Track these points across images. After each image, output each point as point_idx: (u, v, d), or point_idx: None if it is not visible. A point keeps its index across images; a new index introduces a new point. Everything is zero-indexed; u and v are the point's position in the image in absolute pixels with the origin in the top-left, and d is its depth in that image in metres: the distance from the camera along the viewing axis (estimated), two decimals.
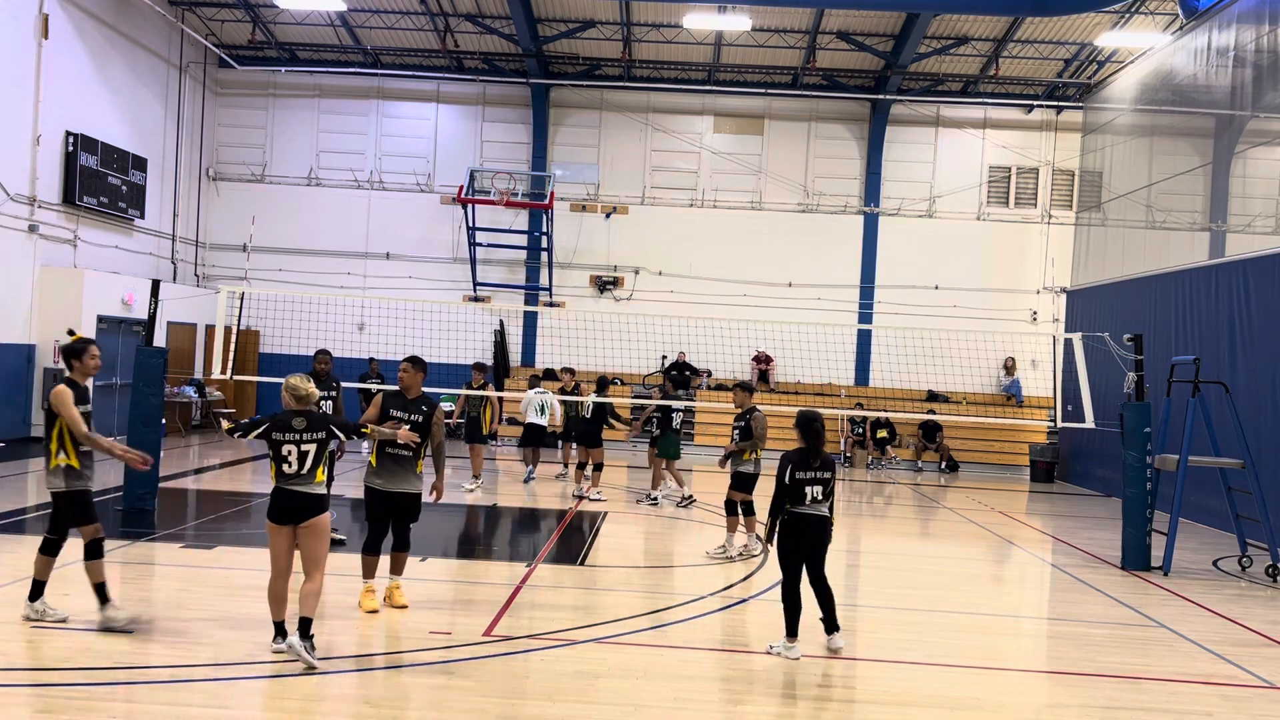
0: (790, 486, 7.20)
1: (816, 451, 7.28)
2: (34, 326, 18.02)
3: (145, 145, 21.36)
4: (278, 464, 6.54)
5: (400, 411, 7.84)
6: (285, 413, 6.66)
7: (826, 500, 7.29)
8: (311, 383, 6.79)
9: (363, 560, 7.93)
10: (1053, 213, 24.12)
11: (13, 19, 17.32)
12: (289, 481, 6.53)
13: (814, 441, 7.28)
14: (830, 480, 7.30)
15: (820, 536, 7.27)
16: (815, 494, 7.23)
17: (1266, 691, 7.01)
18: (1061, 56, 22.67)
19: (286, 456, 6.51)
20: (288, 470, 6.51)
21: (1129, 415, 11.57)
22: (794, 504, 7.21)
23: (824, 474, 7.28)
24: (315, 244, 24.12)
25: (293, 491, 6.51)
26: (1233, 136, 17.16)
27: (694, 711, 6.03)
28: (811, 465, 7.25)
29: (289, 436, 6.54)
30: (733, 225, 24.16)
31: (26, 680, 6.04)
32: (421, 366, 8.10)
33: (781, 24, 21.98)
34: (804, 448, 7.28)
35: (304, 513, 6.51)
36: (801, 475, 7.21)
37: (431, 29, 22.82)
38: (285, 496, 6.52)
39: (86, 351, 7.24)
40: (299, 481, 6.53)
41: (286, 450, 6.51)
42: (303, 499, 6.51)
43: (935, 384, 22.82)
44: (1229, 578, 11.21)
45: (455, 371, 21.94)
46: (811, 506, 7.22)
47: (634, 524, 12.90)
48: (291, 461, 6.51)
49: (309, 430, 6.60)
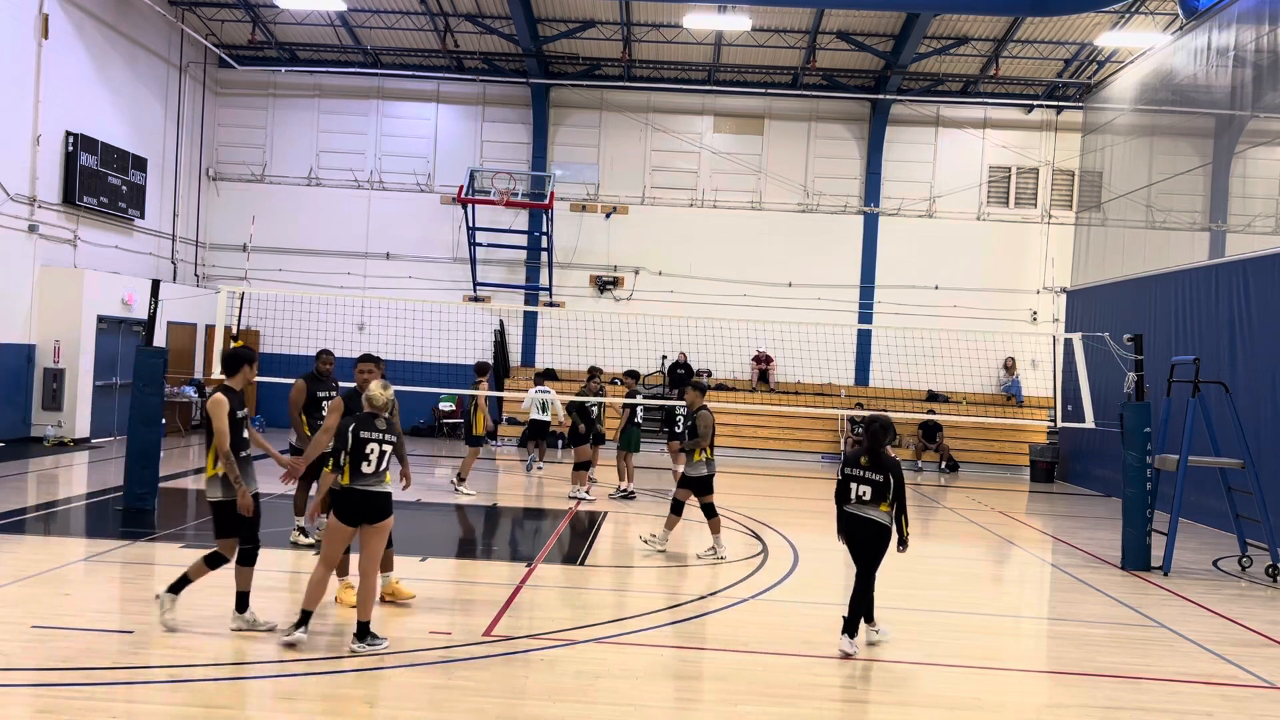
0: (838, 482, 7.39)
1: (868, 451, 7.27)
2: (34, 326, 18.02)
3: (145, 145, 21.36)
4: (357, 463, 6.72)
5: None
6: (365, 414, 6.90)
7: (877, 504, 7.19)
8: (390, 389, 7.05)
9: None
10: (1053, 213, 24.11)
11: (13, 19, 17.32)
12: (364, 481, 6.74)
13: (869, 441, 7.30)
14: (884, 484, 7.20)
15: (870, 541, 7.23)
16: (861, 494, 7.21)
17: (1266, 691, 7.01)
18: (1061, 56, 22.67)
19: (369, 455, 6.73)
20: (366, 470, 6.74)
21: (1129, 415, 11.57)
22: (841, 501, 7.33)
23: (874, 475, 7.21)
24: (315, 244, 24.12)
25: (367, 492, 6.75)
26: (1233, 136, 17.16)
27: (694, 711, 6.03)
28: (860, 463, 7.27)
29: (374, 435, 6.78)
30: (733, 225, 24.16)
31: (26, 680, 6.04)
32: (380, 363, 8.43)
33: (781, 24, 21.98)
34: (859, 449, 7.38)
35: (377, 513, 6.79)
36: (849, 471, 7.29)
37: (431, 29, 22.82)
38: (359, 496, 6.75)
39: (253, 365, 7.40)
40: (373, 481, 6.77)
41: (370, 449, 6.75)
42: (376, 499, 6.78)
43: (935, 384, 22.83)
44: (1229, 578, 11.21)
45: (455, 371, 21.95)
46: (858, 507, 7.23)
47: (634, 524, 12.89)
48: (372, 460, 6.74)
49: (388, 431, 6.88)
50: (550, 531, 12.03)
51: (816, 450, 22.77)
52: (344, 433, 6.79)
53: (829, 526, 7.79)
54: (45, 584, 8.12)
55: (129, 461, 11.59)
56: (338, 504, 6.79)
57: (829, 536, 7.97)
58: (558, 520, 12.68)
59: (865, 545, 7.26)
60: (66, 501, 12.87)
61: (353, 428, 6.79)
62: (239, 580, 7.04)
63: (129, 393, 12.84)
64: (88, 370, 18.45)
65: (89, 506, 12.44)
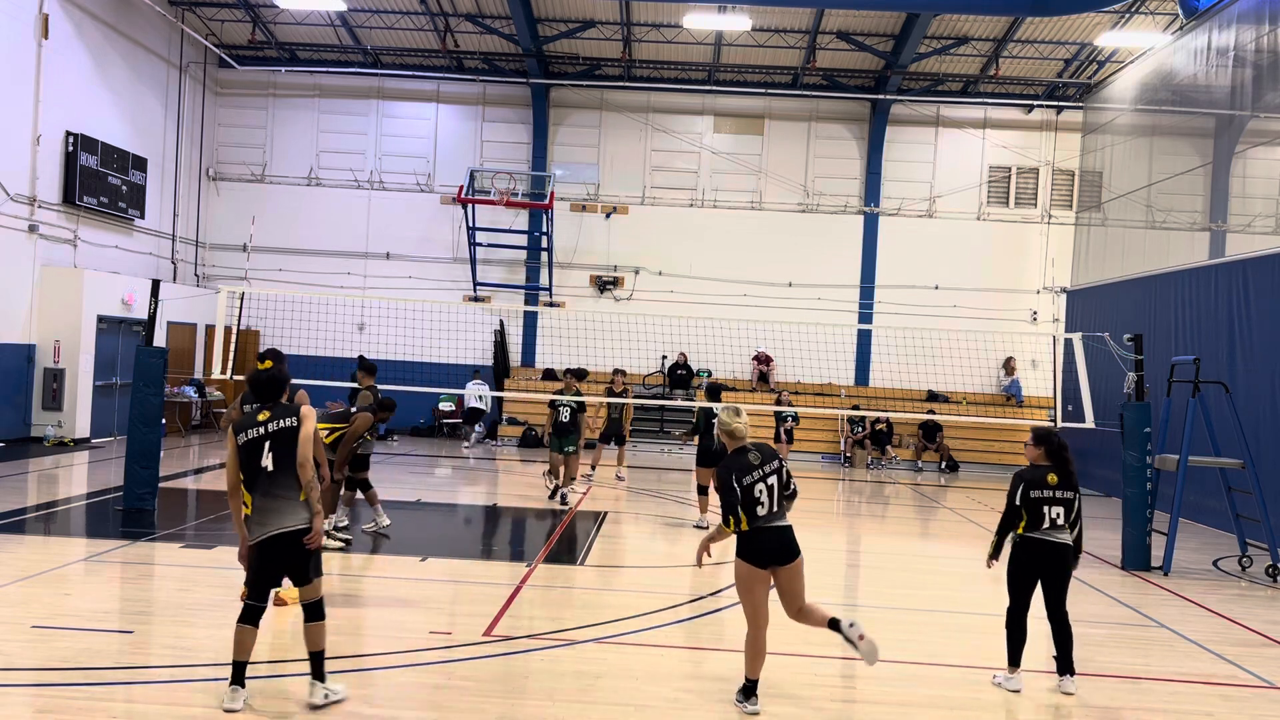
0: (1025, 506, 6.61)
1: (1057, 467, 6.68)
2: (34, 326, 18.02)
3: (145, 145, 21.36)
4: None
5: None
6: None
7: (1072, 526, 6.65)
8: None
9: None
10: (1053, 213, 24.11)
11: (13, 19, 17.32)
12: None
13: (1058, 457, 6.70)
14: (1073, 502, 6.64)
15: (1059, 568, 6.63)
16: (1055, 517, 6.57)
17: (1266, 691, 7.01)
18: (1061, 56, 22.67)
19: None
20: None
21: (1129, 415, 11.57)
22: (1030, 528, 6.61)
23: (1065, 493, 6.61)
24: (315, 244, 24.12)
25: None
26: (1233, 136, 17.16)
27: (694, 711, 6.03)
28: (1048, 482, 6.61)
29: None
30: (733, 225, 24.15)
31: (26, 680, 6.04)
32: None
33: (781, 24, 21.97)
34: (1042, 465, 6.72)
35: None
36: (1037, 494, 6.59)
37: (431, 29, 22.82)
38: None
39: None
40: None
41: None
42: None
43: (935, 384, 22.82)
44: (1229, 578, 11.20)
45: (455, 371, 21.98)
46: (1051, 532, 6.59)
47: (634, 524, 12.90)
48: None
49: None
50: (550, 532, 12.02)
51: (816, 450, 22.77)
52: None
53: (829, 525, 7.78)
54: (45, 584, 8.12)
55: (129, 461, 11.59)
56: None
57: (830, 536, 7.95)
58: (558, 520, 12.67)
59: (1060, 573, 6.64)
60: (66, 501, 12.87)
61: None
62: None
63: (129, 393, 12.82)
64: (88, 370, 18.44)
65: (89, 506, 12.44)
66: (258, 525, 5.60)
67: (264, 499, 5.60)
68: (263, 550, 5.60)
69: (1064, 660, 6.76)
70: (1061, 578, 6.67)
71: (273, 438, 5.63)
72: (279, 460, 5.62)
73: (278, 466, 5.61)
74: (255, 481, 5.61)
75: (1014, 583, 6.74)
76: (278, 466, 5.61)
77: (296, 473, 5.64)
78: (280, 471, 5.62)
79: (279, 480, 5.62)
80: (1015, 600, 6.73)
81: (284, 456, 5.63)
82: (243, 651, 5.60)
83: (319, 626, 5.71)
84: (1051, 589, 6.69)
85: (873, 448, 22.33)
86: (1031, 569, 6.67)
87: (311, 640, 5.70)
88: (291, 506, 5.61)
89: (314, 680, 5.71)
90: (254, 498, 5.62)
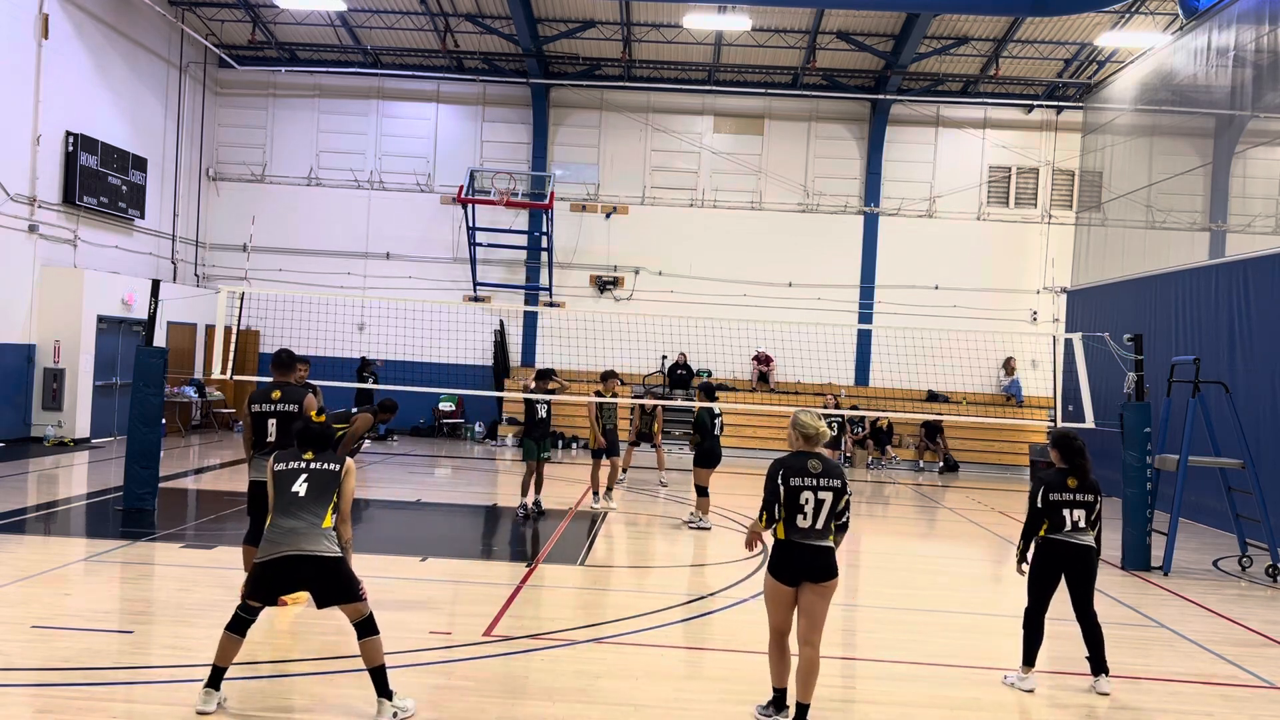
0: (1045, 510, 6.64)
1: (1076, 472, 6.70)
2: (34, 326, 18.02)
3: (145, 145, 21.36)
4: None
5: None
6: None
7: (1093, 527, 6.69)
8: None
9: (244, 551, 7.68)
10: (1053, 213, 24.11)
11: (13, 19, 17.32)
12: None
13: (1075, 460, 6.71)
14: (1094, 504, 6.69)
15: (1082, 569, 6.66)
16: (1076, 520, 6.61)
17: (1266, 691, 7.01)
18: (1061, 56, 22.67)
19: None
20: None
21: (1129, 415, 11.57)
22: (1052, 530, 6.64)
23: (1085, 496, 6.65)
24: (315, 244, 24.12)
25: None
26: (1233, 136, 17.16)
27: (694, 711, 6.03)
28: (1067, 485, 6.66)
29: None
30: (733, 225, 24.15)
31: (26, 680, 6.04)
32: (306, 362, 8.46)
33: (781, 24, 21.97)
34: (1061, 468, 6.74)
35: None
36: (1056, 497, 6.62)
37: (431, 29, 22.82)
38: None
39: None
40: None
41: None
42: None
43: (935, 384, 22.81)
44: (1229, 578, 11.21)
45: (455, 371, 21.94)
46: (1073, 534, 6.61)
47: (634, 525, 12.90)
48: None
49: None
50: (550, 532, 12.02)
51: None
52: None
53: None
54: (45, 584, 8.12)
55: (129, 461, 11.59)
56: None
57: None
58: (558, 520, 12.67)
59: (1084, 575, 6.66)
60: (66, 501, 12.87)
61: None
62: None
63: (129, 393, 12.82)
64: (88, 370, 18.45)
65: (89, 506, 12.44)
66: (269, 543, 5.57)
67: (286, 518, 5.59)
68: (265, 569, 5.55)
69: (1097, 660, 6.80)
70: (1086, 578, 6.70)
71: (311, 474, 5.73)
72: (312, 491, 5.67)
73: (309, 496, 5.66)
74: (282, 503, 5.63)
75: (1034, 583, 6.77)
76: (309, 496, 5.66)
77: (324, 502, 5.66)
78: (311, 500, 5.65)
79: (308, 506, 5.63)
80: (1034, 600, 6.76)
81: (317, 489, 5.68)
82: (224, 658, 5.57)
83: (370, 642, 5.57)
84: (1077, 590, 6.71)
85: (873, 448, 22.34)
86: (1053, 570, 6.69)
87: (367, 657, 5.59)
88: (314, 532, 5.56)
89: (380, 699, 5.56)
90: (275, 516, 5.62)
